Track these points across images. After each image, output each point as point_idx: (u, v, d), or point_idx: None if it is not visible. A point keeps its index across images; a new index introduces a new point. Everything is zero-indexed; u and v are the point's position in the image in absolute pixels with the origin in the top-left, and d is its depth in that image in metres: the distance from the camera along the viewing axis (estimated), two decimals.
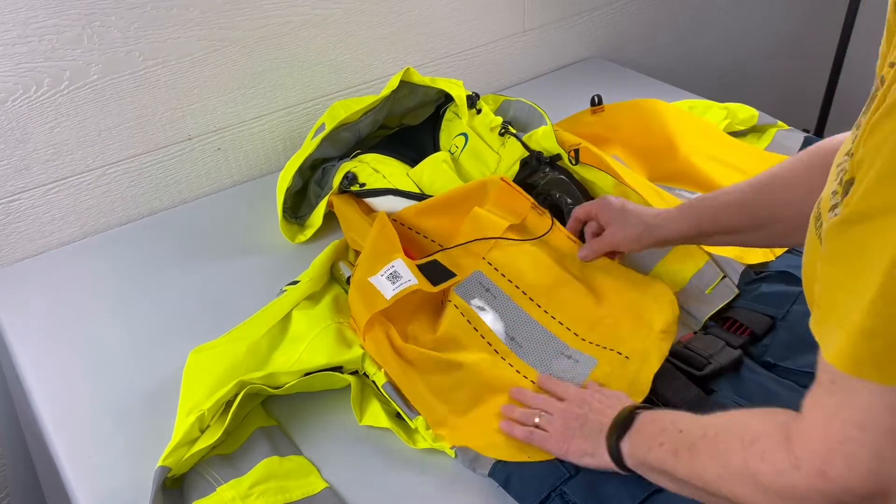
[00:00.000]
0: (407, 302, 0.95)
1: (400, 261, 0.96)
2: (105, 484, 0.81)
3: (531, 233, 1.05)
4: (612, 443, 0.74)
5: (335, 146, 1.22)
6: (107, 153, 1.18)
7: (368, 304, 0.92)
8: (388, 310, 0.92)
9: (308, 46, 1.30)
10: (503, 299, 0.99)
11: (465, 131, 1.21)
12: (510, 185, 1.09)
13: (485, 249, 1.03)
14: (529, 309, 0.98)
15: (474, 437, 0.83)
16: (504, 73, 1.62)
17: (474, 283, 1.00)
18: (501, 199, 1.08)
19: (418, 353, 0.89)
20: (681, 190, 1.19)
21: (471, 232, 1.05)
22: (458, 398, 0.87)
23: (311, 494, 0.78)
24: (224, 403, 0.83)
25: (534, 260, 1.01)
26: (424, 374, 0.88)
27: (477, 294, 0.99)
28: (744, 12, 2.06)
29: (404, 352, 0.89)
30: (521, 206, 1.08)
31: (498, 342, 0.94)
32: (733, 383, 0.87)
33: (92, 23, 1.08)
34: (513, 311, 0.97)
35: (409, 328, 0.94)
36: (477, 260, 1.02)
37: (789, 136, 1.33)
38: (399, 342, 0.90)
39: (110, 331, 1.02)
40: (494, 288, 1.00)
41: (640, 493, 0.74)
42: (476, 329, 0.95)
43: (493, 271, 1.01)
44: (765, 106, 1.42)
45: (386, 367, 0.87)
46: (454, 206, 1.09)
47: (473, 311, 0.97)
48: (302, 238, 1.17)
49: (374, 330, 0.90)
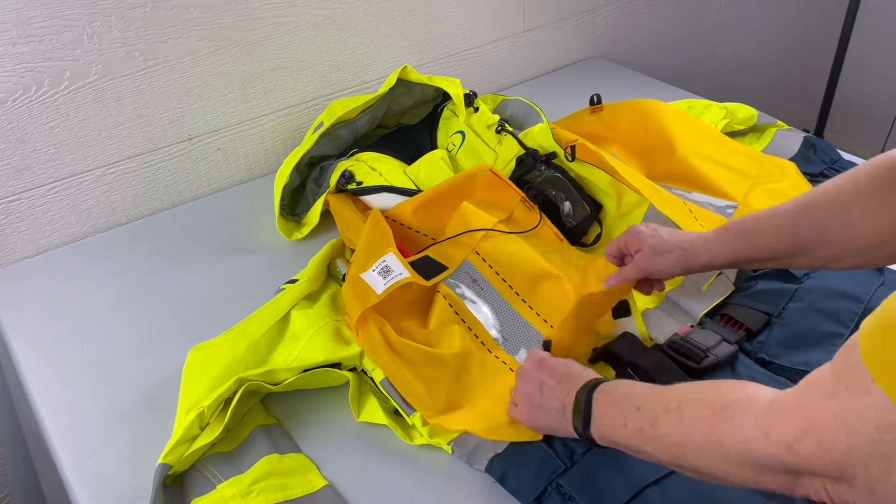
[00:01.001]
0: (401, 298, 0.95)
1: (391, 255, 0.97)
2: (105, 483, 0.82)
3: (521, 226, 1.06)
4: (580, 431, 0.74)
5: (333, 144, 1.22)
6: (107, 153, 1.18)
7: (360, 299, 0.92)
8: (382, 306, 0.92)
9: (308, 46, 1.30)
10: (489, 291, 0.99)
11: (463, 129, 1.22)
12: (499, 177, 1.09)
13: (475, 240, 1.03)
14: (513, 301, 0.98)
15: (471, 423, 0.84)
16: (504, 73, 1.62)
17: (463, 273, 1.01)
18: (490, 191, 1.09)
19: (411, 348, 0.90)
20: (678, 189, 1.19)
21: (459, 227, 1.05)
22: (451, 390, 0.87)
23: (311, 492, 0.79)
24: (224, 400, 0.83)
25: (521, 253, 1.01)
26: (417, 367, 0.88)
27: (465, 284, 1.00)
28: (743, 12, 2.06)
29: (397, 346, 0.89)
30: (510, 200, 1.09)
31: (485, 334, 0.95)
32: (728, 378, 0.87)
33: (92, 23, 1.08)
34: (498, 303, 0.98)
35: (403, 324, 0.95)
36: (467, 250, 1.03)
37: (789, 136, 1.33)
38: (393, 337, 0.90)
39: (110, 330, 1.02)
40: (482, 279, 1.00)
41: (635, 485, 0.75)
42: (464, 320, 0.96)
43: (482, 262, 1.02)
44: (764, 106, 1.42)
45: (379, 362, 0.88)
46: (445, 200, 1.09)
47: (462, 302, 0.98)
48: (298, 235, 1.17)
49: (368, 325, 0.90)
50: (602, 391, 0.73)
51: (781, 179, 1.19)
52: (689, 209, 1.09)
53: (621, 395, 0.71)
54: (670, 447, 0.63)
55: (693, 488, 0.73)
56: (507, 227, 1.05)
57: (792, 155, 1.28)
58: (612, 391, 0.72)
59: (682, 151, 1.21)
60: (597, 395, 0.73)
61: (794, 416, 0.52)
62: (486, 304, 0.98)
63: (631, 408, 0.68)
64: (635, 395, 0.69)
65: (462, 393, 0.88)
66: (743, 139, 1.34)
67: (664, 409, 0.64)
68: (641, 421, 0.66)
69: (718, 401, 0.59)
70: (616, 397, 0.71)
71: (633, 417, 0.67)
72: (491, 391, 0.88)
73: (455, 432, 0.84)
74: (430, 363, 0.89)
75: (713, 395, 0.61)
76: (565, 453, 0.80)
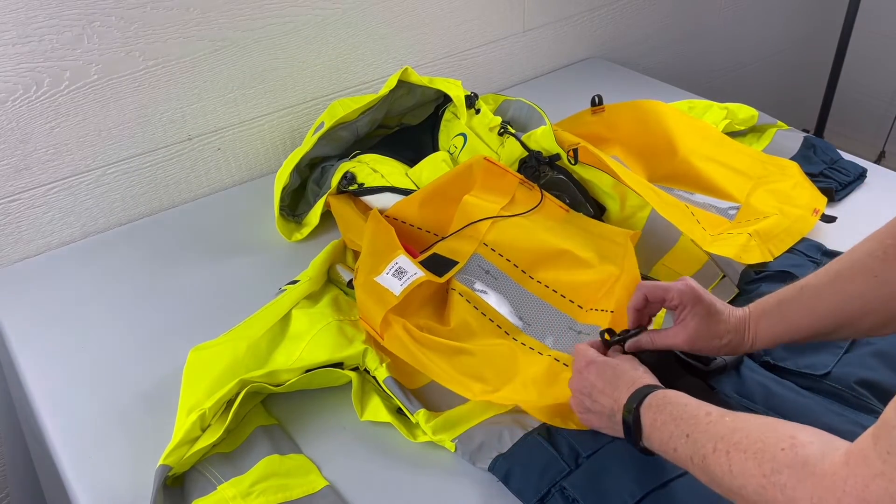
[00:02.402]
0: (416, 297, 0.95)
1: (403, 257, 0.97)
2: (105, 484, 0.81)
3: (524, 207, 1.07)
4: (633, 444, 0.73)
5: (333, 145, 1.22)
6: (107, 153, 1.18)
7: (380, 303, 0.92)
8: (399, 307, 0.92)
9: (308, 46, 1.30)
10: (503, 279, 0.99)
11: (464, 131, 1.22)
12: (495, 165, 1.10)
13: (481, 232, 1.04)
14: (529, 286, 0.98)
15: (522, 396, 0.84)
16: (504, 73, 1.62)
17: (474, 266, 1.01)
18: (488, 180, 1.09)
19: (438, 343, 0.90)
20: (679, 191, 1.19)
21: (462, 221, 1.05)
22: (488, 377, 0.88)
23: (312, 492, 0.78)
24: (225, 402, 0.83)
25: (527, 234, 1.02)
26: (450, 358, 0.88)
27: (478, 278, 1.00)
28: (743, 12, 2.06)
29: (426, 342, 0.90)
30: (509, 184, 1.09)
31: (507, 324, 0.96)
32: (734, 382, 0.87)
33: (92, 23, 1.08)
34: (514, 290, 0.98)
35: (421, 322, 0.95)
36: (475, 243, 1.03)
37: (789, 137, 1.33)
38: (418, 334, 0.90)
39: (110, 330, 1.02)
40: (494, 269, 1.00)
41: (640, 489, 0.74)
42: (484, 314, 0.96)
43: (491, 252, 1.02)
44: (764, 106, 1.42)
45: (412, 360, 0.88)
46: (444, 194, 1.09)
47: (478, 297, 0.98)
48: (299, 236, 1.17)
49: (392, 328, 0.91)
50: (650, 407, 0.71)
51: (783, 179, 1.19)
52: (692, 212, 1.09)
53: (669, 417, 0.69)
54: (722, 489, 0.62)
55: (700, 494, 0.73)
56: (509, 212, 1.05)
57: (792, 155, 1.28)
58: (661, 410, 0.70)
59: (684, 152, 1.21)
60: (644, 411, 0.72)
61: (846, 493, 0.51)
62: (501, 293, 0.98)
63: (681, 434, 0.66)
64: (684, 418, 0.67)
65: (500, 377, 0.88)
66: (743, 139, 1.34)
67: (713, 449, 0.62)
68: (692, 451, 0.65)
69: (768, 461, 0.57)
70: (665, 419, 0.69)
71: (683, 445, 0.66)
72: (524, 374, 0.89)
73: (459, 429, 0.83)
74: (458, 355, 0.89)
75: (762, 449, 0.59)
76: (570, 455, 0.79)
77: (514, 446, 0.81)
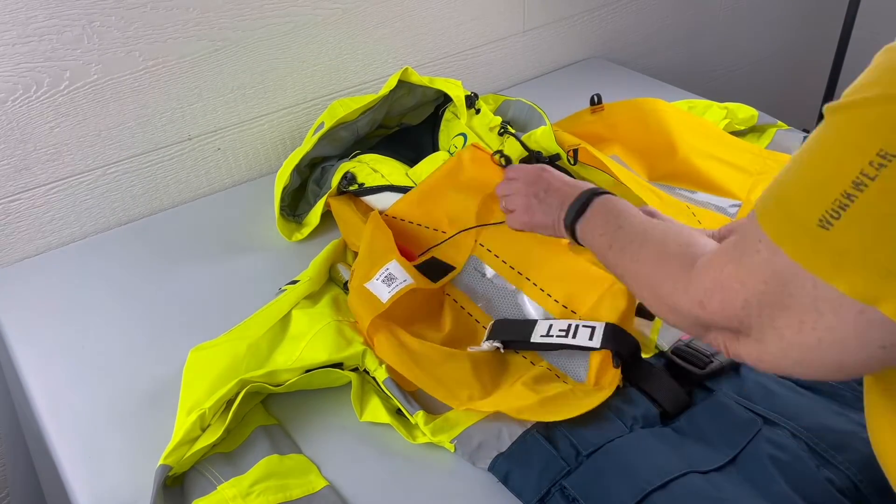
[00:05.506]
0: (409, 302, 0.95)
1: (394, 262, 0.96)
2: (105, 484, 0.81)
3: None
4: (568, 223, 0.84)
5: (333, 145, 1.22)
6: (107, 153, 1.18)
7: (367, 309, 0.92)
8: (391, 312, 0.92)
9: (308, 46, 1.30)
10: (500, 282, 0.99)
11: (464, 131, 1.22)
12: (483, 151, 1.09)
13: (475, 232, 1.03)
14: (523, 287, 0.98)
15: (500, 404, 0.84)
16: (504, 73, 1.62)
17: (471, 270, 1.01)
18: (476, 167, 1.09)
19: (427, 347, 0.90)
20: (680, 189, 1.19)
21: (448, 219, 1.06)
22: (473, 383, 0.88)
23: (312, 493, 0.78)
24: (225, 402, 0.83)
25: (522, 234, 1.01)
26: (436, 366, 0.88)
27: (475, 283, 1.00)
28: (743, 13, 2.06)
29: (414, 347, 0.89)
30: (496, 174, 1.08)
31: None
32: (733, 382, 0.87)
33: (92, 23, 1.08)
34: (510, 295, 0.98)
35: (414, 327, 0.95)
36: (470, 244, 1.03)
37: (789, 136, 1.33)
38: (407, 338, 0.90)
39: (110, 330, 1.02)
40: (490, 272, 1.00)
41: (640, 490, 0.74)
42: (478, 321, 0.96)
43: (486, 252, 1.02)
44: (764, 106, 1.42)
45: (400, 368, 0.87)
46: (440, 188, 1.09)
47: (473, 303, 0.98)
48: (299, 236, 1.17)
49: (380, 333, 0.90)
50: (604, 198, 0.82)
51: None
52: (693, 212, 1.09)
53: (616, 209, 0.79)
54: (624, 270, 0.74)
55: (700, 494, 0.73)
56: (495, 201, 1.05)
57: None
58: (611, 203, 0.81)
59: (684, 150, 1.21)
60: (597, 200, 0.82)
61: (705, 278, 0.61)
62: (497, 299, 0.98)
63: (615, 224, 0.77)
64: (626, 214, 0.78)
65: (485, 384, 0.88)
66: (743, 139, 1.34)
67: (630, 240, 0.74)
68: (614, 239, 0.76)
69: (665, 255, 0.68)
70: (610, 207, 0.80)
71: (611, 232, 0.77)
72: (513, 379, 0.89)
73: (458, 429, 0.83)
74: (448, 360, 0.89)
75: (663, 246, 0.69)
76: (570, 454, 0.79)
77: (513, 445, 0.81)
